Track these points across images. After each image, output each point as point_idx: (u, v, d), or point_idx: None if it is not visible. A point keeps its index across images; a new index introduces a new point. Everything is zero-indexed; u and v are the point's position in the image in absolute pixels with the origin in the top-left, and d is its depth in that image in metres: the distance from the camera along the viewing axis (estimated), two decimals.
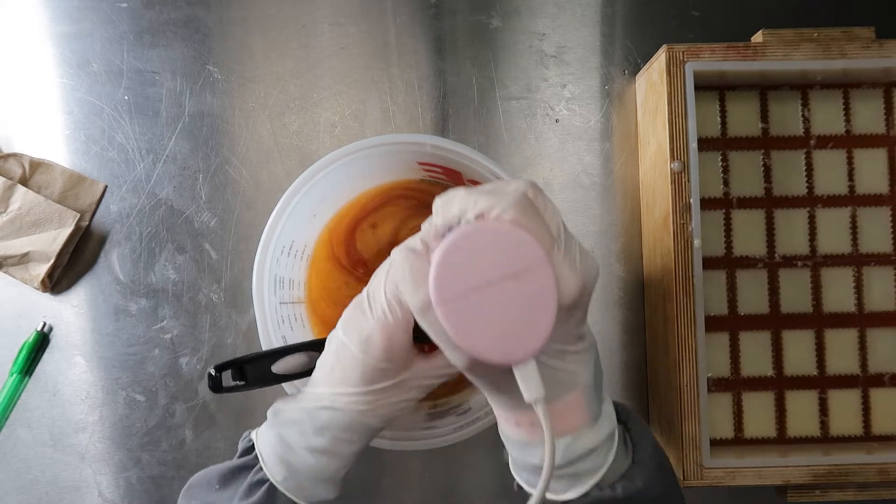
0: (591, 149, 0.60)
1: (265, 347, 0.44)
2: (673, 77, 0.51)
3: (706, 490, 0.55)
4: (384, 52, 0.60)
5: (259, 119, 0.59)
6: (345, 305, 0.50)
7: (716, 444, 0.54)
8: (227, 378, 0.40)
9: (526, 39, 0.60)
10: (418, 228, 0.35)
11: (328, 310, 0.51)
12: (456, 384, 0.51)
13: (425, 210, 0.51)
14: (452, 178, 0.49)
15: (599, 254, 0.59)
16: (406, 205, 0.52)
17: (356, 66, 0.60)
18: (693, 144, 0.51)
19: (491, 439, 0.58)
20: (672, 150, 0.51)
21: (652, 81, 0.55)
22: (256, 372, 0.40)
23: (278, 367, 0.40)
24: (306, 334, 0.50)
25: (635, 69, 0.60)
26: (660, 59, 0.52)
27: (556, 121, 0.60)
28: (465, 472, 0.58)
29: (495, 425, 0.39)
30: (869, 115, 0.56)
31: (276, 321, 0.45)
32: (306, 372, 0.40)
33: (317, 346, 0.40)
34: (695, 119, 0.51)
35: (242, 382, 0.40)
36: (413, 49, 0.60)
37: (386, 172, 0.50)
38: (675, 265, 0.51)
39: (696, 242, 0.51)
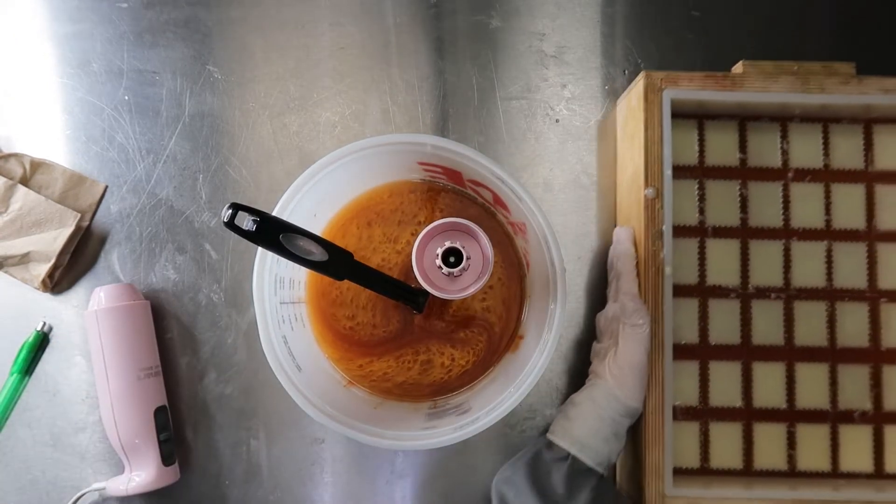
0: (591, 149, 0.60)
1: (265, 347, 0.44)
2: (650, 104, 0.51)
3: None
4: (384, 52, 0.60)
5: (259, 119, 0.59)
6: (345, 305, 0.51)
7: (681, 472, 0.53)
8: (241, 223, 0.40)
9: (526, 39, 0.60)
10: (415, 228, 0.35)
11: (328, 309, 0.51)
12: (456, 383, 0.51)
13: (424, 210, 0.51)
14: (452, 178, 0.49)
15: (599, 254, 0.59)
16: (405, 205, 0.52)
17: (356, 66, 0.60)
18: (668, 171, 0.50)
19: (491, 439, 0.58)
20: (647, 176, 0.51)
21: (631, 107, 0.54)
22: (267, 231, 0.41)
23: (286, 240, 0.41)
24: (307, 334, 0.50)
25: (635, 69, 0.60)
26: (638, 86, 0.52)
27: (556, 121, 0.60)
28: (465, 472, 0.58)
29: (495, 425, 0.42)
30: (848, 151, 0.55)
31: (276, 321, 0.45)
32: (305, 260, 0.42)
33: (326, 244, 0.43)
34: (670, 146, 0.50)
35: (254, 229, 0.40)
36: (413, 49, 0.60)
37: (386, 172, 0.50)
38: (645, 291, 0.50)
39: (668, 270, 0.50)
